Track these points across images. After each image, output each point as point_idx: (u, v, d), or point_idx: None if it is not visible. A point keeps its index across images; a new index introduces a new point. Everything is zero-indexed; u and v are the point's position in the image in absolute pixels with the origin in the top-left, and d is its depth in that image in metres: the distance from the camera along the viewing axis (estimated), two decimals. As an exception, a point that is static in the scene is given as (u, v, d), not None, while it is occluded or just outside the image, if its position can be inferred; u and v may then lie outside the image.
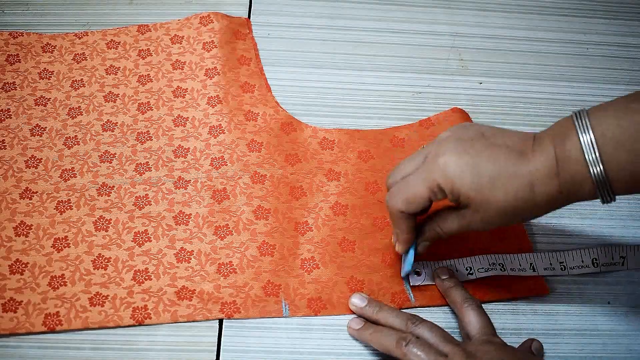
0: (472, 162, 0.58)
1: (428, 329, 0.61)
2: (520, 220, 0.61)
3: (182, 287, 0.66)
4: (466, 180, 0.58)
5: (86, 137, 0.75)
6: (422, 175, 0.60)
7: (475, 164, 0.58)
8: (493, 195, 0.58)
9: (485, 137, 0.60)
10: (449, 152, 0.59)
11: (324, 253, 0.69)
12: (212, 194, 0.72)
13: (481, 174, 0.58)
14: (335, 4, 0.92)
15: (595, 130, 0.54)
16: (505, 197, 0.57)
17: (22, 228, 0.68)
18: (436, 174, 0.59)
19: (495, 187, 0.57)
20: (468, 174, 0.58)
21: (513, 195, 0.57)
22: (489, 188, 0.58)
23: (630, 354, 0.66)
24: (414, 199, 0.61)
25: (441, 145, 0.61)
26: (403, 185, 0.62)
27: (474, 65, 0.88)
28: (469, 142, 0.60)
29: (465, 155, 0.59)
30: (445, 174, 0.59)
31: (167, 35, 0.84)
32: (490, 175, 0.57)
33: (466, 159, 0.58)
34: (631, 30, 0.94)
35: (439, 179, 0.59)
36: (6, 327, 0.62)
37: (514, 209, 0.58)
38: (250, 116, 0.78)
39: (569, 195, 0.57)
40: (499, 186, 0.57)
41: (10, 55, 0.81)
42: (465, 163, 0.58)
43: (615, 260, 0.71)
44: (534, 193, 0.57)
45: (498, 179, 0.57)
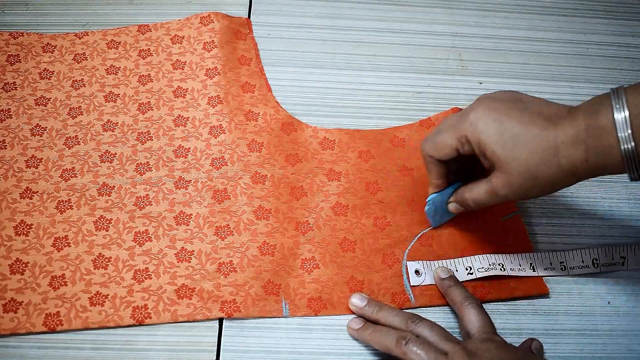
0: (500, 119, 0.60)
1: (428, 327, 0.61)
2: (545, 186, 0.61)
3: (182, 285, 0.66)
4: (492, 136, 0.60)
5: (87, 137, 0.75)
6: (454, 127, 0.64)
7: (503, 122, 0.60)
8: (517, 153, 0.59)
9: (520, 101, 0.62)
10: (482, 108, 0.62)
11: (325, 253, 0.70)
12: (212, 194, 0.72)
13: (507, 131, 0.60)
14: (335, 4, 0.92)
15: (631, 109, 0.55)
16: (528, 156, 0.59)
17: (22, 227, 0.68)
18: (466, 127, 0.62)
19: (520, 145, 0.59)
20: (494, 130, 0.60)
21: (537, 156, 0.58)
22: (513, 145, 0.59)
23: (630, 354, 0.66)
24: (441, 146, 0.65)
25: (476, 103, 0.64)
26: (436, 132, 0.66)
27: (474, 65, 0.88)
28: (502, 103, 0.62)
29: (495, 113, 0.61)
30: (473, 127, 0.61)
31: (168, 35, 0.84)
32: (515, 133, 0.59)
33: (495, 116, 0.61)
34: (631, 30, 0.94)
35: (467, 132, 0.62)
36: (7, 328, 0.62)
37: (537, 171, 0.59)
38: (251, 116, 0.78)
39: (596, 166, 0.58)
40: (524, 145, 0.59)
41: (11, 55, 0.81)
42: (494, 120, 0.61)
43: (616, 260, 0.71)
44: (559, 157, 0.58)
45: (523, 138, 0.59)
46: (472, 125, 0.61)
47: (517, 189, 0.61)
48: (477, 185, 0.65)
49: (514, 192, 0.62)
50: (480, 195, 0.64)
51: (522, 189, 0.61)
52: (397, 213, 0.73)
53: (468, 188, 0.66)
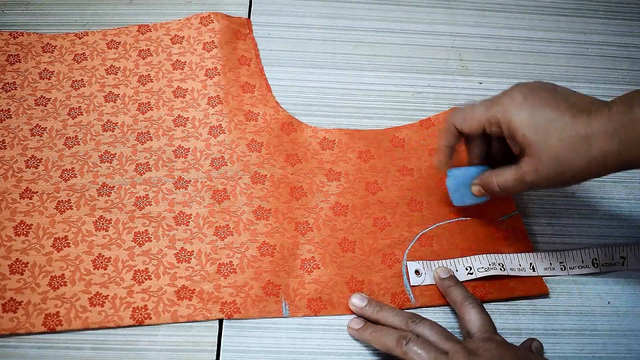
0: (534, 105, 0.61)
1: (428, 327, 0.61)
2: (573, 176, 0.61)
3: (182, 286, 0.66)
4: (524, 119, 0.61)
5: (86, 137, 0.75)
6: (487, 106, 0.65)
7: (536, 108, 0.61)
8: (548, 139, 0.60)
9: (555, 92, 0.62)
10: (516, 93, 0.63)
11: (324, 253, 0.69)
12: (212, 194, 0.72)
13: (538, 118, 0.60)
14: (335, 4, 0.92)
15: None
16: (559, 144, 0.59)
17: (22, 228, 0.68)
18: (498, 108, 0.63)
19: (551, 132, 0.59)
20: (527, 115, 0.61)
21: (569, 144, 0.59)
22: (544, 131, 0.60)
23: (630, 354, 0.66)
24: (470, 120, 0.66)
25: (512, 88, 0.64)
26: (468, 107, 0.67)
27: (474, 65, 0.88)
28: (538, 90, 0.62)
29: (530, 98, 0.62)
30: (506, 110, 0.62)
31: (168, 36, 0.84)
32: (547, 120, 0.60)
33: (529, 102, 0.61)
34: (631, 30, 0.94)
35: (499, 113, 0.63)
36: (6, 328, 0.62)
37: (567, 160, 0.59)
38: (251, 116, 0.78)
39: (627, 159, 0.58)
40: (555, 132, 0.59)
41: (11, 55, 0.81)
42: (528, 105, 0.61)
43: (615, 260, 0.71)
44: (591, 147, 0.58)
45: (556, 125, 0.59)
46: (505, 108, 0.62)
47: (545, 176, 0.61)
48: (504, 171, 0.65)
49: (542, 178, 0.62)
50: (507, 181, 0.64)
51: (550, 176, 0.61)
52: (396, 213, 0.73)
53: (495, 173, 0.66)
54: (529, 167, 0.62)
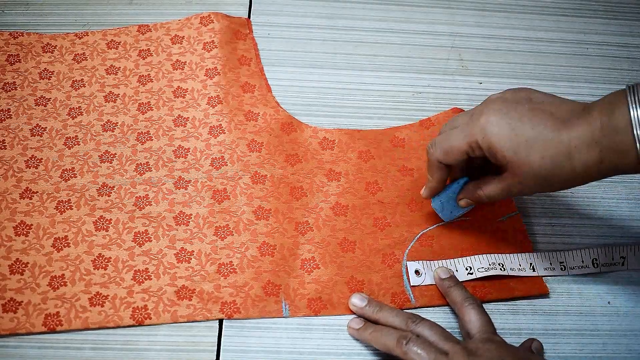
0: (512, 124, 0.60)
1: (428, 327, 0.61)
2: (559, 187, 0.62)
3: (182, 286, 0.66)
4: (504, 141, 0.60)
5: (86, 137, 0.75)
6: (464, 131, 0.63)
7: (515, 126, 0.60)
8: (529, 158, 0.59)
9: (531, 102, 0.61)
10: (492, 112, 0.61)
11: (324, 253, 0.69)
12: (212, 194, 0.72)
13: (519, 136, 0.59)
14: (335, 4, 0.92)
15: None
16: (541, 162, 0.59)
17: (22, 228, 0.68)
18: (476, 131, 0.62)
19: (532, 150, 0.59)
20: (506, 135, 0.60)
21: (550, 160, 0.58)
22: (525, 150, 0.59)
23: (630, 354, 0.66)
24: (451, 151, 0.64)
25: (486, 105, 0.63)
26: (445, 137, 0.65)
27: (474, 65, 0.88)
28: (514, 105, 0.61)
29: (506, 117, 0.60)
30: (484, 132, 0.61)
31: (168, 35, 0.84)
32: (528, 138, 0.59)
33: (507, 120, 0.60)
34: (631, 30, 0.94)
35: (478, 136, 0.62)
36: (6, 328, 0.62)
37: (551, 175, 0.59)
38: (251, 116, 0.78)
39: (610, 167, 0.57)
40: (536, 150, 0.59)
41: (11, 55, 0.81)
42: (505, 124, 0.60)
43: (616, 261, 0.71)
44: (573, 160, 0.58)
45: (535, 143, 0.59)
46: (483, 130, 0.61)
47: (530, 189, 0.63)
48: (489, 183, 0.65)
49: (527, 191, 0.63)
50: (494, 192, 0.65)
51: (535, 189, 0.62)
52: (396, 213, 0.73)
53: (479, 185, 0.66)
54: (513, 181, 0.62)
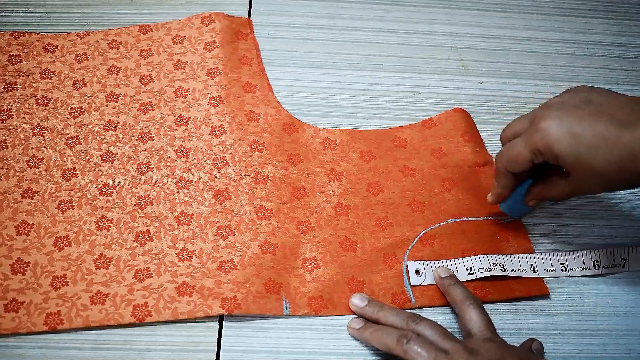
0: (572, 130, 0.59)
1: (429, 326, 0.61)
2: (625, 188, 0.62)
3: (183, 282, 0.66)
4: (565, 148, 0.60)
5: (88, 137, 0.75)
6: (526, 140, 0.63)
7: (575, 132, 0.59)
8: (592, 163, 0.59)
9: (591, 105, 0.61)
10: (552, 117, 0.61)
11: (326, 253, 0.70)
12: (214, 194, 0.72)
13: (580, 141, 0.59)
14: (335, 4, 0.93)
15: None
16: (605, 165, 0.58)
17: (24, 227, 0.68)
18: (537, 139, 0.61)
19: (594, 155, 0.58)
20: (566, 141, 0.59)
21: (615, 164, 0.58)
22: (587, 155, 0.59)
23: (630, 354, 0.66)
24: (517, 160, 0.64)
25: (546, 110, 0.63)
26: (509, 147, 0.65)
27: (474, 65, 0.88)
28: (573, 109, 0.61)
29: (566, 122, 0.60)
30: (545, 139, 0.61)
31: (169, 35, 0.84)
32: (589, 142, 0.59)
33: (567, 126, 0.60)
34: (631, 30, 0.94)
35: (539, 144, 0.61)
36: (8, 327, 0.62)
37: (615, 177, 0.59)
38: (252, 116, 0.78)
39: None
40: (600, 155, 0.58)
41: (12, 55, 0.81)
42: (566, 130, 0.60)
43: (617, 262, 0.71)
44: (637, 162, 0.57)
45: (597, 147, 0.58)
46: (545, 137, 0.61)
47: (597, 190, 0.63)
48: (556, 185, 0.65)
49: (595, 191, 0.64)
50: (561, 194, 0.65)
51: (602, 189, 0.63)
52: (398, 213, 0.73)
53: (546, 188, 0.67)
54: (579, 184, 0.62)
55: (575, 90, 0.64)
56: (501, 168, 0.67)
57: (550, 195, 0.67)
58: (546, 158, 0.62)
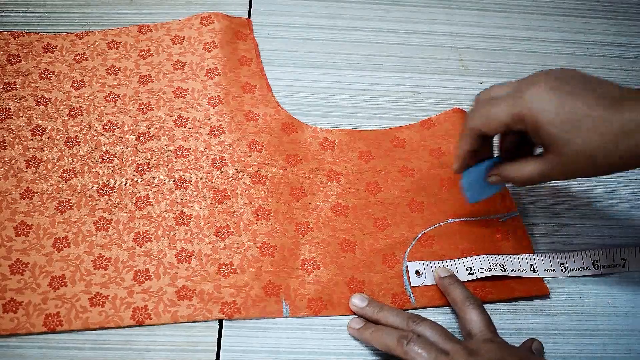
0: (561, 98, 0.56)
1: (429, 327, 0.61)
2: (603, 171, 0.58)
3: (183, 286, 0.66)
4: (550, 116, 0.56)
5: (87, 138, 0.75)
6: (509, 101, 0.59)
7: (564, 102, 0.56)
8: (577, 137, 0.56)
9: (583, 79, 0.58)
10: (540, 86, 0.58)
11: (325, 254, 0.69)
12: (212, 195, 0.72)
13: (568, 112, 0.56)
14: (335, 4, 0.92)
15: None
16: (588, 141, 0.55)
17: (23, 228, 0.68)
18: (522, 105, 0.58)
19: (581, 129, 0.56)
20: (553, 110, 0.56)
21: (599, 139, 0.55)
22: (574, 128, 0.56)
23: (630, 354, 0.66)
24: (494, 120, 0.60)
25: (534, 79, 0.59)
26: (488, 105, 0.61)
27: (474, 65, 0.88)
28: (564, 80, 0.58)
29: (556, 91, 0.57)
30: (531, 105, 0.57)
31: (168, 36, 0.84)
32: (576, 115, 0.56)
33: (556, 94, 0.57)
34: (631, 30, 0.94)
35: (523, 109, 0.58)
36: (6, 328, 0.62)
37: (598, 157, 0.56)
38: (251, 116, 0.78)
39: None
40: (585, 127, 0.55)
41: (11, 55, 0.81)
42: (555, 98, 0.57)
43: (616, 262, 0.71)
44: (623, 143, 0.55)
45: (585, 121, 0.55)
46: (530, 103, 0.57)
47: (570, 172, 0.59)
48: (525, 165, 0.61)
49: (567, 174, 0.60)
50: (529, 175, 0.61)
51: (576, 172, 0.59)
52: (397, 214, 0.73)
53: (514, 167, 0.63)
54: (555, 164, 0.58)
55: (564, 69, 0.60)
56: (470, 127, 0.63)
57: (517, 174, 0.62)
58: (526, 126, 0.58)
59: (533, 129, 0.58)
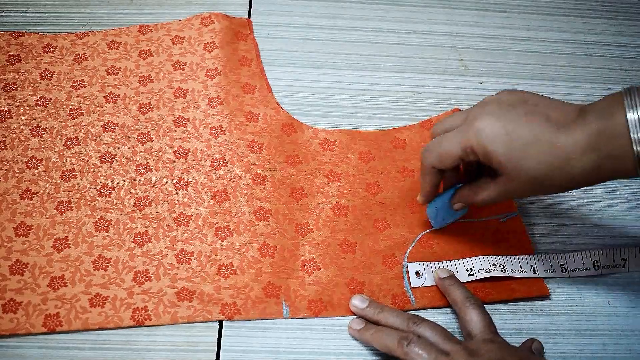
0: (507, 128, 0.59)
1: (429, 328, 0.61)
2: (555, 191, 0.62)
3: (183, 288, 0.66)
4: (498, 145, 0.59)
5: (87, 138, 0.75)
6: (458, 136, 0.62)
7: (510, 131, 0.59)
8: (524, 164, 0.58)
9: (527, 104, 0.60)
10: (487, 116, 0.60)
11: (325, 254, 0.69)
12: (212, 195, 0.72)
13: (514, 141, 0.58)
14: (335, 4, 0.92)
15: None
16: (537, 166, 0.58)
17: (23, 228, 0.68)
18: (471, 137, 0.60)
19: (528, 156, 0.58)
20: (501, 139, 0.59)
21: (546, 166, 0.57)
22: (521, 156, 0.58)
23: (630, 354, 0.66)
24: (446, 156, 0.63)
25: (481, 108, 0.62)
26: (439, 142, 0.64)
27: (474, 65, 0.88)
28: (509, 108, 0.60)
29: (501, 120, 0.59)
30: (479, 137, 0.60)
31: (168, 36, 0.84)
32: (523, 142, 0.58)
33: (501, 124, 0.59)
34: (631, 30, 0.94)
35: (472, 142, 0.60)
36: (6, 328, 0.62)
37: (547, 180, 0.58)
38: (251, 117, 0.78)
39: (607, 171, 0.56)
40: (532, 155, 0.58)
41: (12, 55, 0.81)
42: (500, 128, 0.59)
43: (616, 263, 0.71)
44: (569, 166, 0.57)
45: (531, 147, 0.58)
46: (478, 135, 0.60)
47: (525, 193, 0.62)
48: (482, 188, 0.64)
49: (523, 194, 0.64)
50: (489, 197, 0.64)
51: (531, 193, 0.62)
52: (397, 214, 0.73)
53: (473, 190, 0.65)
54: (508, 185, 0.61)
55: (511, 91, 0.63)
56: (427, 164, 0.66)
57: (478, 198, 0.65)
58: (478, 156, 0.61)
59: (484, 159, 0.61)
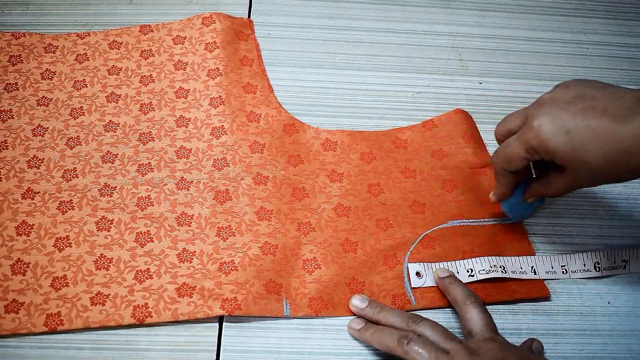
0: (565, 125, 0.60)
1: (429, 327, 0.61)
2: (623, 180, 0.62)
3: (183, 284, 0.66)
4: (559, 145, 0.60)
5: (88, 138, 0.75)
6: (520, 138, 0.64)
7: (568, 128, 0.60)
8: (586, 158, 0.59)
9: (583, 99, 0.61)
10: (544, 114, 0.61)
11: (326, 254, 0.70)
12: (214, 195, 0.72)
13: (574, 138, 0.59)
14: (335, 4, 0.93)
15: None
16: (599, 160, 0.59)
17: (24, 227, 0.68)
18: (531, 137, 0.62)
19: (589, 152, 0.59)
20: (561, 139, 0.60)
21: (608, 159, 0.58)
22: (582, 151, 0.59)
23: (630, 354, 0.66)
24: (513, 159, 0.65)
25: (538, 107, 0.63)
26: (504, 146, 0.66)
27: (474, 65, 0.88)
28: (565, 105, 0.61)
29: (559, 119, 0.60)
30: (539, 136, 0.61)
31: (170, 36, 0.84)
32: (583, 139, 0.59)
33: (560, 122, 0.60)
34: (631, 30, 0.94)
35: (533, 142, 0.62)
36: (8, 328, 0.62)
37: (608, 174, 0.60)
38: (253, 117, 0.78)
39: None
40: (593, 150, 0.59)
41: (13, 55, 0.81)
42: (559, 127, 0.60)
43: (617, 264, 0.71)
44: (631, 157, 0.57)
45: (592, 143, 0.59)
46: (538, 135, 0.61)
47: (594, 183, 0.64)
48: (552, 182, 0.66)
49: (590, 185, 0.65)
50: (557, 191, 0.66)
51: (599, 183, 0.63)
52: (399, 215, 0.73)
53: (543, 184, 0.67)
54: (576, 179, 0.63)
55: (566, 85, 0.64)
56: (499, 168, 0.67)
57: (548, 191, 0.67)
58: (541, 155, 0.62)
59: (547, 156, 0.62)
